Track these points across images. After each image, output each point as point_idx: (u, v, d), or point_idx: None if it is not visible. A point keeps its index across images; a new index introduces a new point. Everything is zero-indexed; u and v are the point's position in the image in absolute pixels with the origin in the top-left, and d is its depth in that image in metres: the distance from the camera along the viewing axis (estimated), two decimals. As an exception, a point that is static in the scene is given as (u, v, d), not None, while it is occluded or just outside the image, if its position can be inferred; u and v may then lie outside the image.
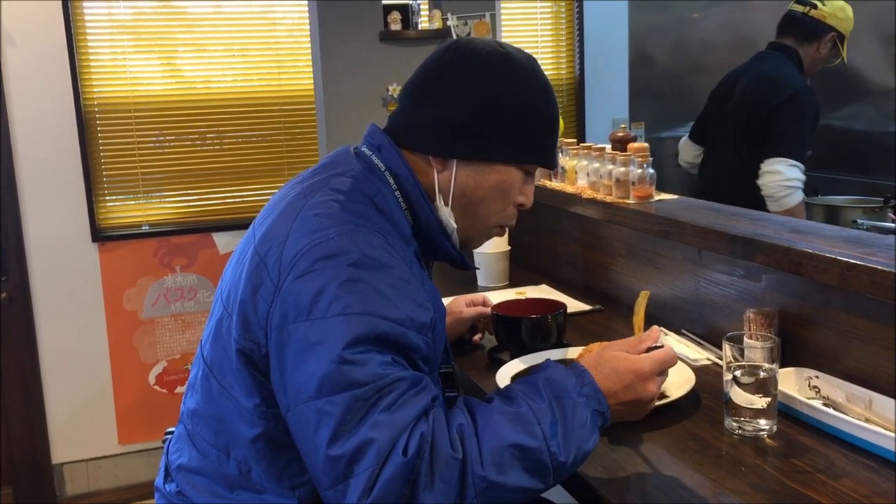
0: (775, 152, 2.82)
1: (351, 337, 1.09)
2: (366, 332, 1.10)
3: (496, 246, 2.38)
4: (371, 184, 1.29)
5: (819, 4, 2.97)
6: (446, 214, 1.33)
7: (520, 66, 1.32)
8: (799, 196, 2.80)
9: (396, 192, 1.31)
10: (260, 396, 1.22)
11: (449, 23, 3.09)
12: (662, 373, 1.25)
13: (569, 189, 2.25)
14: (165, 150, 3.62)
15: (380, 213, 1.25)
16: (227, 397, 1.26)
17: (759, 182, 2.83)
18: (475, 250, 2.38)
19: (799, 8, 3.01)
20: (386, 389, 1.09)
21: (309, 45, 3.53)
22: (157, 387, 3.69)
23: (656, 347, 1.27)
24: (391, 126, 1.37)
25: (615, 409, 1.20)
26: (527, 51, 1.37)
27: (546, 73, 1.39)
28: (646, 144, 2.00)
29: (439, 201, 1.33)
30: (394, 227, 1.26)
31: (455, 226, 1.34)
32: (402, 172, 1.31)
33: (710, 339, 1.78)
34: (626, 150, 2.02)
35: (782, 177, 2.79)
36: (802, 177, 2.82)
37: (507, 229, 1.46)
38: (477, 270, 2.42)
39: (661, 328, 1.88)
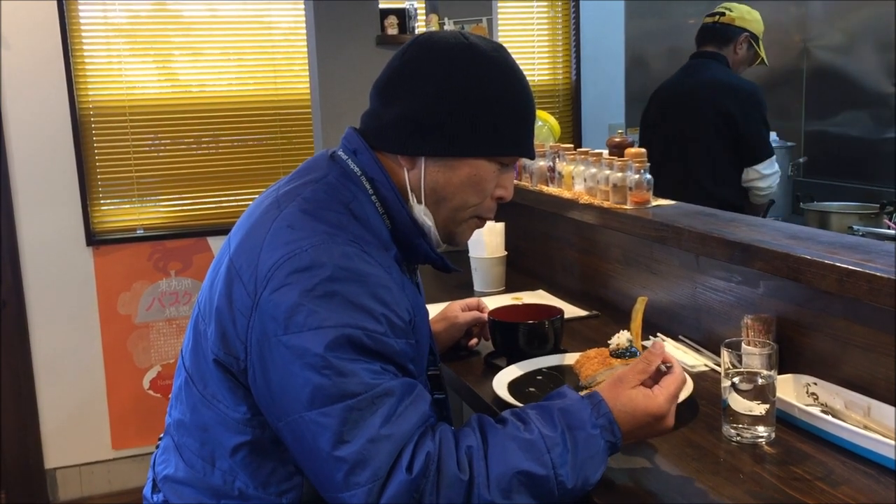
0: (761, 156, 3.10)
1: (331, 349, 1.09)
2: (346, 344, 1.10)
3: (492, 251, 2.37)
4: (346, 189, 1.27)
5: (727, 11, 3.24)
6: (421, 213, 1.31)
7: (484, 57, 1.29)
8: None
9: (373, 197, 1.29)
10: (246, 405, 1.21)
11: (445, 27, 3.08)
12: (677, 398, 1.23)
13: (566, 194, 2.24)
14: (160, 154, 3.61)
15: (356, 220, 1.23)
16: (209, 406, 1.25)
17: (759, 184, 3.09)
18: (471, 255, 2.39)
19: (710, 19, 3.28)
20: (380, 400, 1.09)
21: (305, 48, 3.52)
22: (151, 391, 3.67)
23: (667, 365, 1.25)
24: (363, 127, 1.36)
25: (629, 440, 1.20)
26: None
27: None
28: (643, 150, 1.99)
29: (412, 200, 1.31)
30: (371, 234, 1.24)
31: (431, 224, 1.32)
32: (378, 176, 1.30)
33: (708, 345, 1.78)
34: (623, 156, 2.02)
35: (777, 175, 3.11)
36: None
37: (486, 221, 1.41)
38: (473, 275, 2.41)
39: (659, 334, 1.87)
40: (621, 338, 1.55)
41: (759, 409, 1.32)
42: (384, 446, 1.07)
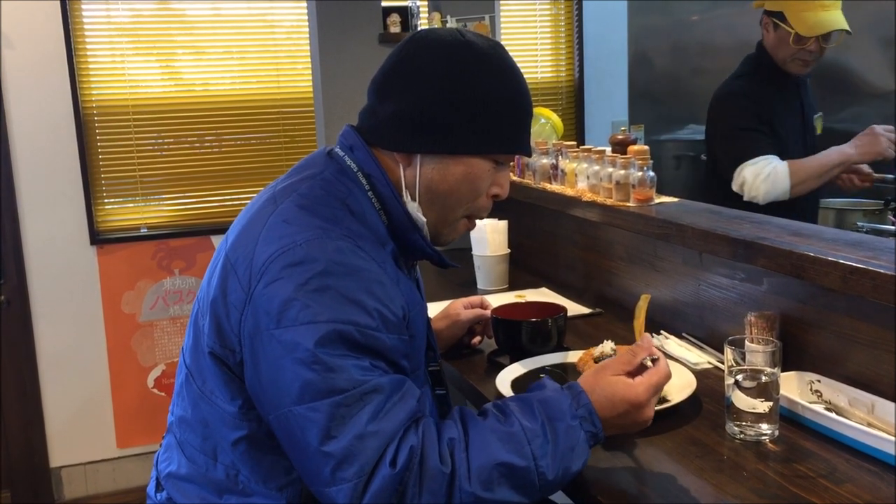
0: (725, 172, 2.71)
1: (322, 344, 1.10)
2: (337, 339, 1.10)
3: (495, 249, 2.37)
4: (342, 185, 1.28)
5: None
6: (415, 209, 1.31)
7: (480, 54, 1.28)
8: (779, 174, 2.62)
9: (369, 193, 1.29)
10: (241, 399, 1.22)
11: (448, 25, 3.08)
12: (658, 391, 1.24)
13: (569, 192, 2.24)
14: (164, 153, 3.62)
15: (352, 216, 1.24)
16: (207, 402, 1.26)
17: (745, 197, 2.69)
18: (475, 253, 2.39)
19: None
20: (368, 397, 1.10)
21: (308, 47, 3.52)
22: (155, 390, 3.68)
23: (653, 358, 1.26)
24: (360, 124, 1.36)
25: (609, 429, 1.20)
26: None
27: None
28: (646, 147, 1.99)
29: (406, 197, 1.31)
30: (367, 229, 1.25)
31: (424, 220, 1.32)
32: (374, 172, 1.30)
33: (711, 342, 1.78)
34: (626, 153, 2.02)
35: (747, 185, 2.65)
36: (764, 161, 2.64)
37: (476, 221, 1.40)
38: (476, 273, 2.41)
39: (663, 332, 1.87)
40: (605, 347, 1.56)
41: (762, 406, 1.32)
42: (371, 443, 1.08)
